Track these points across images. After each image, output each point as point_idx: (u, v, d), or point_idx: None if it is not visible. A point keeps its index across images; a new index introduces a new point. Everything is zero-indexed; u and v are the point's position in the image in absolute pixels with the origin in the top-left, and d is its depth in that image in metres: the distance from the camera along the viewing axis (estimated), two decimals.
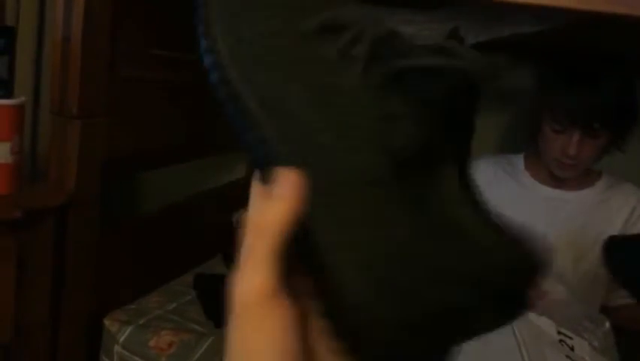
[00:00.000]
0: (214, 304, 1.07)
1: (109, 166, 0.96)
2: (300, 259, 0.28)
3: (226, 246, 1.36)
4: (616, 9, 0.56)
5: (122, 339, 0.97)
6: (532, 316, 0.89)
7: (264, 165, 0.28)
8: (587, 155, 1.05)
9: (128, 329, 0.98)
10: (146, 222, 1.21)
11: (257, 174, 0.29)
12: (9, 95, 0.84)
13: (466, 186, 0.29)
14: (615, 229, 1.08)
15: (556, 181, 1.13)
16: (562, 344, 0.81)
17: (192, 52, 1.25)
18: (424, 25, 1.12)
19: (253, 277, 0.26)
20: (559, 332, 0.82)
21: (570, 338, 0.82)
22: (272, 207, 0.26)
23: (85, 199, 0.92)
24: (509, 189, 1.15)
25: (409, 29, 1.14)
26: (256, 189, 0.29)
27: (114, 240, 1.04)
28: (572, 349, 0.82)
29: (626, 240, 0.82)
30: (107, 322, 1.00)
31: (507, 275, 0.27)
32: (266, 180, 0.28)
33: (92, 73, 0.87)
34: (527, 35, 0.98)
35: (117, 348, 0.97)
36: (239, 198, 1.63)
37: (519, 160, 1.19)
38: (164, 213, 1.26)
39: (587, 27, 0.84)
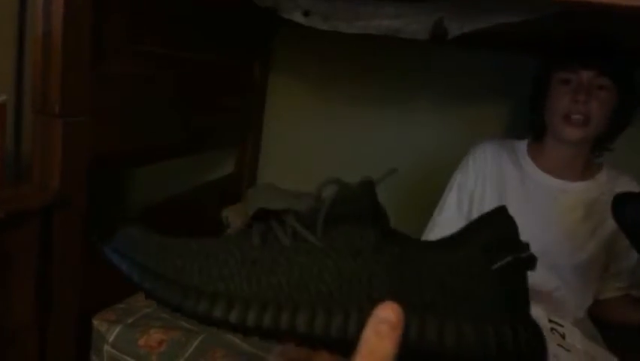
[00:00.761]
0: None
1: (97, 164, 0.95)
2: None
3: None
4: None
5: (111, 338, 0.96)
6: None
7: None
8: (595, 111, 1.04)
9: (117, 328, 0.97)
10: (135, 219, 1.20)
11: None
12: None
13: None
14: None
15: (559, 170, 1.12)
16: (553, 333, 0.81)
17: (180, 48, 1.23)
18: (411, 19, 1.11)
19: None
20: (550, 320, 0.83)
21: (561, 325, 0.82)
22: (385, 339, 0.29)
23: (70, 199, 0.90)
24: (513, 174, 1.15)
25: (396, 24, 1.14)
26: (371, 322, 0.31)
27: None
28: (564, 337, 0.82)
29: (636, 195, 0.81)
30: (95, 322, 0.99)
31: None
32: None
33: (74, 69, 0.86)
34: (513, 25, 0.97)
35: (107, 348, 0.96)
36: (229, 194, 1.63)
37: (523, 146, 1.19)
38: (153, 210, 1.25)
39: (574, 16, 0.84)
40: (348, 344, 0.30)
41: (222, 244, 0.35)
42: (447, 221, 1.18)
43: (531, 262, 0.35)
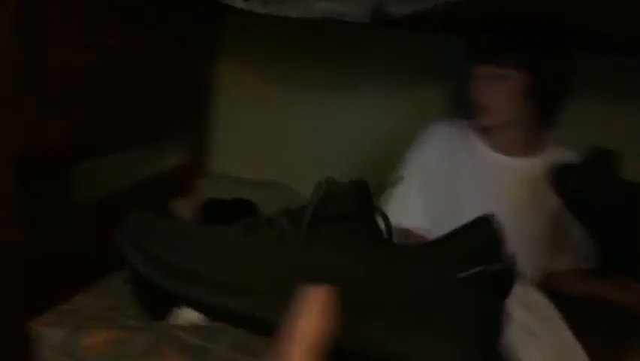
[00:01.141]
0: (150, 297, 1.03)
1: (35, 160, 0.91)
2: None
3: None
4: None
5: (51, 343, 0.92)
6: None
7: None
8: (497, 98, 1.07)
9: (58, 331, 0.93)
10: (78, 215, 1.14)
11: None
12: None
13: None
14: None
15: (505, 147, 1.14)
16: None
17: (124, 39, 1.17)
18: (352, 1, 1.10)
19: None
20: None
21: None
22: (307, 319, 0.29)
23: (4, 198, 0.86)
24: (462, 153, 1.17)
25: (337, 7, 1.12)
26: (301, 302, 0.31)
27: (43, 236, 0.98)
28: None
29: (576, 166, 0.80)
30: (34, 326, 0.95)
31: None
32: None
33: (2, 64, 0.82)
34: (452, 5, 0.97)
35: (47, 353, 0.92)
36: (175, 186, 1.59)
37: (470, 125, 1.20)
38: (97, 205, 1.21)
39: None
40: (271, 325, 0.31)
41: (200, 228, 0.37)
42: (409, 202, 1.18)
43: (507, 275, 0.31)
